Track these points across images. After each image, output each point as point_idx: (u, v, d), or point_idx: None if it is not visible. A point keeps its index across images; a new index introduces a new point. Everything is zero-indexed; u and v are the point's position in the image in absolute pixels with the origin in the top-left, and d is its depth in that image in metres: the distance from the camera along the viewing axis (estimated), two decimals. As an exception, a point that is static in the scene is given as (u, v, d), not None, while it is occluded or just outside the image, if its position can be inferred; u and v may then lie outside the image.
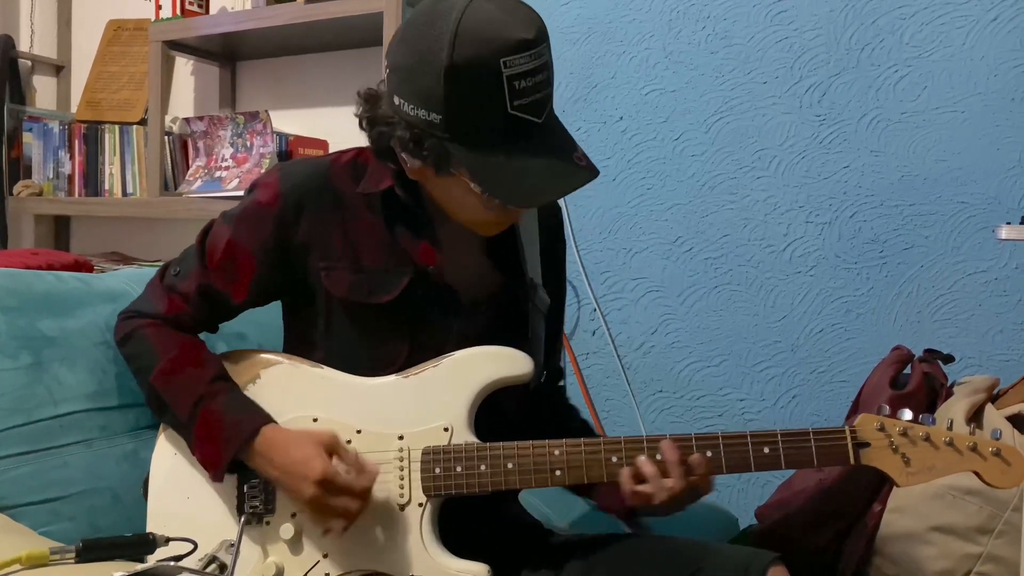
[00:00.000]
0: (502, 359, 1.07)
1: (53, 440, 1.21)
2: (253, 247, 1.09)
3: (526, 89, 0.92)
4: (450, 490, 1.03)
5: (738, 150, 1.92)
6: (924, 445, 1.01)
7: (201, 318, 1.13)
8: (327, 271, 1.08)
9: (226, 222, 1.11)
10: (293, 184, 1.09)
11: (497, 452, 1.04)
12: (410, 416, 1.05)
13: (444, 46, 0.91)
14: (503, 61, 0.90)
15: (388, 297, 1.08)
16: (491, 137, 0.94)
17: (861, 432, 1.03)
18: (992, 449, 0.99)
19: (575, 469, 1.03)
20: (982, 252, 1.71)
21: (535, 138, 0.95)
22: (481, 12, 0.92)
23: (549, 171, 0.96)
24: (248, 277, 1.10)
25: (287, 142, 2.47)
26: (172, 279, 1.13)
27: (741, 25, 1.91)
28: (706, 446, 1.02)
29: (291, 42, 2.54)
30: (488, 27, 0.91)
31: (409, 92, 0.96)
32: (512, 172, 0.95)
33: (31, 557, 0.93)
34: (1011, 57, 1.69)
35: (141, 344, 1.11)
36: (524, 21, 0.92)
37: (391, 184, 1.08)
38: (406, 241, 1.09)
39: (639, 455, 1.02)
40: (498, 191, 0.96)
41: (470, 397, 1.06)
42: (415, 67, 0.94)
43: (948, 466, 1.01)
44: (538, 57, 0.93)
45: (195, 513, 1.09)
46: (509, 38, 0.91)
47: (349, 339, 1.10)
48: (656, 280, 1.99)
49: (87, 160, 2.77)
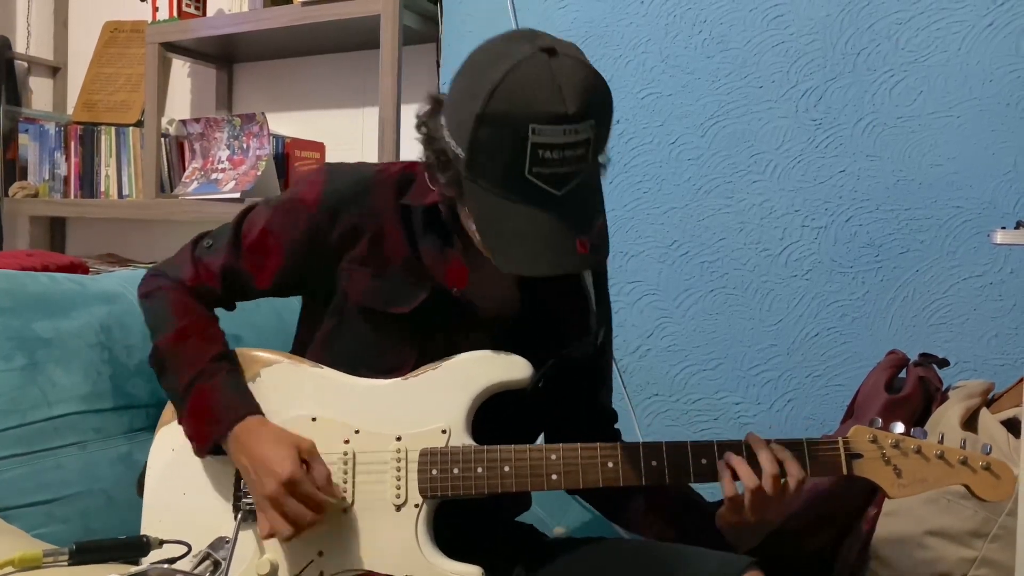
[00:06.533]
0: (501, 363, 1.07)
1: (47, 442, 1.20)
2: (284, 239, 1.11)
3: (550, 160, 0.90)
4: (446, 492, 1.04)
5: (734, 154, 1.92)
6: (915, 457, 1.03)
7: (221, 294, 1.15)
8: (349, 273, 1.09)
9: (266, 208, 1.14)
10: (335, 188, 1.10)
11: (494, 455, 1.04)
12: (408, 417, 1.06)
13: (484, 93, 0.89)
14: (532, 127, 0.88)
15: (403, 309, 1.08)
16: (503, 192, 0.93)
17: (854, 443, 1.04)
18: (982, 463, 1.01)
19: (571, 474, 1.03)
20: (977, 257, 1.72)
21: (546, 209, 0.92)
22: (531, 71, 0.89)
23: (543, 246, 0.93)
24: (275, 266, 1.11)
25: (284, 144, 2.47)
26: (203, 250, 1.15)
27: (737, 30, 1.91)
28: (702, 454, 1.03)
29: (288, 44, 2.54)
30: (529, 89, 0.89)
31: (449, 119, 0.97)
32: (509, 233, 0.94)
33: (24, 559, 0.93)
34: (1006, 62, 1.69)
35: (159, 304, 1.13)
36: (572, 94, 0.88)
37: (436, 201, 1.08)
38: (431, 260, 1.09)
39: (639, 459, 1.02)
40: (490, 244, 0.96)
41: (468, 400, 1.06)
42: (458, 100, 0.95)
43: (939, 479, 1.03)
44: (574, 133, 0.89)
45: (191, 509, 1.09)
46: (544, 107, 0.88)
47: (359, 343, 1.11)
48: (652, 283, 1.99)
49: (83, 161, 2.77)
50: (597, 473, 1.03)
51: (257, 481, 1.01)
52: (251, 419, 1.05)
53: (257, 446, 1.02)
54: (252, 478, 1.02)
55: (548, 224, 0.92)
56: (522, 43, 0.92)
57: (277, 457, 0.99)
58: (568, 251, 0.92)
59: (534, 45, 0.91)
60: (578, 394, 1.21)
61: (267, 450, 1.01)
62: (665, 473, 1.03)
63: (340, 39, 2.42)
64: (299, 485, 0.98)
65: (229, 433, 1.04)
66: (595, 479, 1.03)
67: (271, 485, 0.98)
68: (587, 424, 1.20)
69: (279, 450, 1.00)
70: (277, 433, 1.03)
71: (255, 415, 1.06)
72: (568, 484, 1.04)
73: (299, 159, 2.48)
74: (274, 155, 2.42)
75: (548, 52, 0.90)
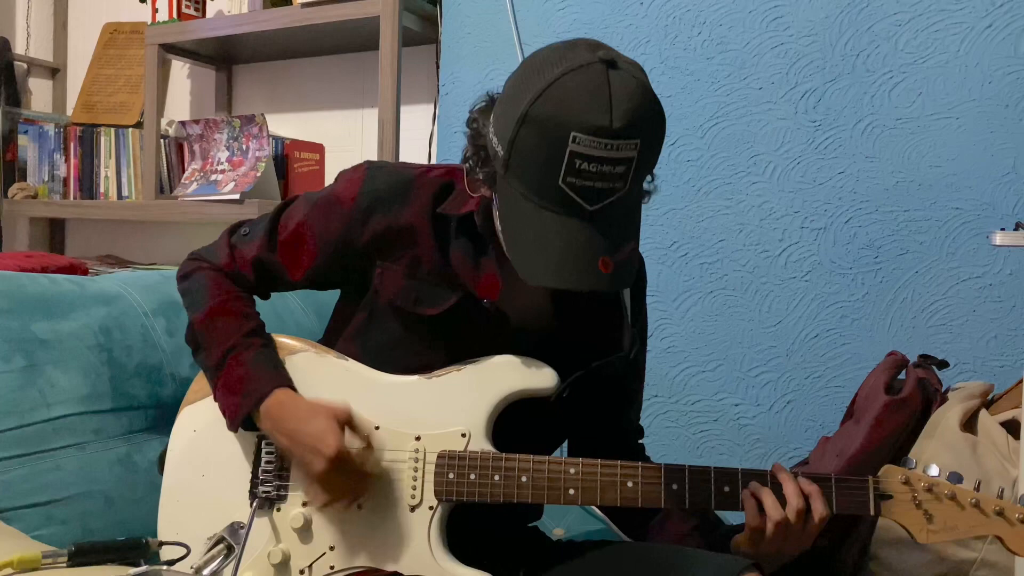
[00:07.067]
0: (526, 370, 1.05)
1: (46, 443, 1.20)
2: (319, 235, 1.11)
3: (587, 172, 0.88)
4: (461, 496, 1.03)
5: (734, 155, 1.92)
6: (949, 504, 0.98)
7: (254, 282, 1.15)
8: (382, 271, 1.09)
9: (305, 202, 1.14)
10: (373, 188, 1.09)
11: (512, 464, 1.02)
12: (429, 418, 1.05)
13: (532, 93, 0.89)
14: (573, 136, 0.87)
15: (433, 311, 1.07)
16: (534, 197, 0.92)
17: (884, 483, 0.99)
18: (1019, 516, 0.96)
19: (589, 490, 1.01)
20: (976, 258, 1.72)
21: (574, 221, 0.91)
22: (585, 79, 0.88)
23: (562, 258, 0.91)
24: (309, 261, 1.12)
25: (283, 145, 2.47)
26: (239, 238, 1.16)
27: (737, 31, 1.91)
28: (726, 481, 1.01)
29: (287, 46, 2.54)
30: (577, 97, 0.87)
31: (496, 116, 0.96)
32: (532, 238, 0.92)
33: (23, 561, 0.93)
34: (1005, 64, 1.69)
35: (197, 283, 1.14)
36: (621, 110, 0.87)
37: (473, 211, 1.06)
38: (464, 269, 1.07)
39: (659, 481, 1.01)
40: (510, 247, 0.95)
41: (491, 405, 1.05)
42: (507, 98, 0.94)
43: (971, 528, 0.97)
44: (614, 149, 0.87)
45: (208, 491, 1.09)
46: (589, 118, 0.86)
47: (387, 339, 1.10)
48: (652, 285, 1.99)
49: (82, 163, 2.77)
50: (616, 492, 1.01)
51: (303, 461, 1.00)
52: (279, 392, 1.04)
53: (294, 423, 1.01)
54: (297, 457, 1.02)
55: (572, 236, 0.90)
56: (583, 51, 0.90)
57: (317, 432, 0.98)
58: (588, 268, 0.90)
59: (595, 54, 0.89)
60: (605, 409, 1.18)
61: (306, 427, 1.00)
62: (686, 498, 1.01)
63: (339, 40, 2.42)
64: (346, 460, 0.98)
65: (260, 409, 1.03)
66: (613, 498, 1.01)
67: (319, 464, 0.98)
68: (611, 439, 1.19)
69: (317, 423, 0.99)
70: (310, 406, 1.02)
71: (284, 387, 1.05)
72: (585, 500, 1.02)
73: (298, 160, 2.48)
74: (273, 156, 2.42)
75: (608, 64, 0.88)
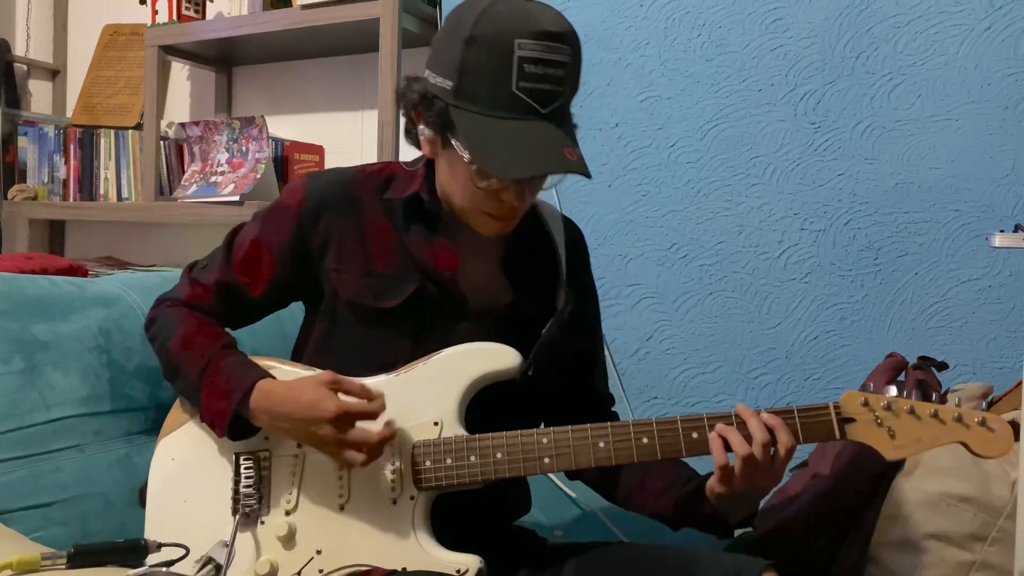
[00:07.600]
0: (488, 354, 1.08)
1: (46, 445, 1.20)
2: (273, 245, 1.14)
3: (534, 75, 0.97)
4: (440, 482, 1.05)
5: (733, 157, 1.92)
6: (909, 418, 1.00)
7: (221, 310, 1.18)
8: (338, 272, 1.12)
9: (253, 222, 1.18)
10: (317, 188, 1.15)
11: (486, 443, 1.05)
12: (401, 412, 1.06)
13: (472, 19, 0.98)
14: (517, 42, 0.96)
15: (393, 302, 1.11)
16: (492, 108, 0.99)
17: (845, 408, 1.03)
18: (978, 419, 0.98)
19: (563, 456, 1.04)
20: (976, 260, 1.72)
21: (534, 120, 0.99)
22: (512, 4, 1.00)
23: (536, 150, 0.99)
24: (269, 273, 1.15)
25: (283, 147, 2.47)
26: (199, 271, 1.20)
27: (736, 33, 1.91)
28: (692, 428, 1.03)
29: (287, 47, 2.54)
30: (515, 12, 0.99)
31: (435, 62, 1.04)
32: (501, 142, 0.98)
33: (22, 563, 0.93)
34: (1004, 66, 1.69)
35: (163, 320, 1.17)
36: (553, 20, 0.99)
37: (417, 190, 1.12)
38: (418, 250, 1.12)
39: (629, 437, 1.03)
40: (482, 154, 1.00)
41: (460, 391, 1.07)
42: (445, 36, 1.03)
43: (934, 438, 1.00)
44: (555, 51, 0.98)
45: (192, 515, 1.10)
46: (529, 25, 0.97)
47: (352, 343, 1.13)
48: (651, 286, 1.99)
49: (82, 164, 2.77)
50: (589, 454, 1.04)
51: (310, 435, 1.02)
52: (263, 382, 1.06)
53: (287, 406, 1.03)
54: (305, 436, 1.03)
55: (535, 133, 0.99)
56: None
57: (311, 402, 1.01)
58: (558, 156, 0.98)
59: None
60: (570, 379, 1.23)
61: (300, 403, 1.02)
62: (657, 450, 1.03)
63: (339, 42, 2.42)
64: (349, 411, 1.00)
65: (251, 405, 1.05)
66: (587, 460, 1.04)
67: (325, 430, 1.00)
68: (584, 409, 1.21)
69: (307, 395, 1.02)
70: (296, 385, 1.04)
71: (265, 379, 1.07)
72: (561, 466, 1.05)
73: (298, 162, 2.48)
74: (273, 158, 2.42)
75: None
